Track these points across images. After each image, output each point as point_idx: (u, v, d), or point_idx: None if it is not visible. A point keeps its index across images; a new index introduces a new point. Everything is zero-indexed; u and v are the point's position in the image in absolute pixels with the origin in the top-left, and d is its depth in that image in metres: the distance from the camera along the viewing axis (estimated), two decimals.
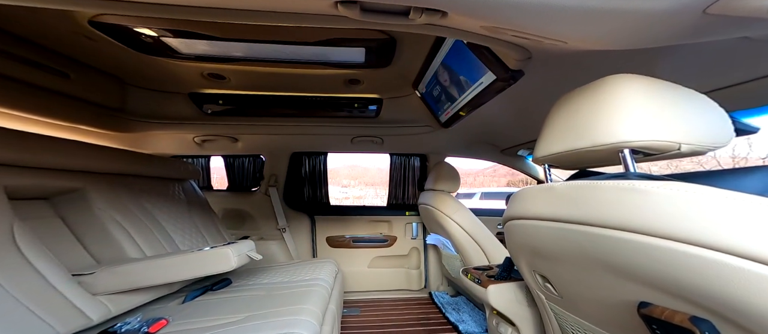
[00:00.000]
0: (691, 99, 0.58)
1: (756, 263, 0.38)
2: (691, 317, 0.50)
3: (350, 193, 6.85)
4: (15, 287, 0.78)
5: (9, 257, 0.81)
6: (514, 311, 1.14)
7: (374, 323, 1.79)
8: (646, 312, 0.56)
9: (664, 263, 0.48)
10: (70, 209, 1.14)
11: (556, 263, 0.74)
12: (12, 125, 1.14)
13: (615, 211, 0.52)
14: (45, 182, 1.05)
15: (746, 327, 0.44)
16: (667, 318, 0.53)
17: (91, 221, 1.14)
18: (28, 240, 0.86)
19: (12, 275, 0.79)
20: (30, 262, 0.84)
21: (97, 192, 1.19)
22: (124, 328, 0.90)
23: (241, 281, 1.46)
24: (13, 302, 0.76)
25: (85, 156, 1.19)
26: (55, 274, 0.88)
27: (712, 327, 0.49)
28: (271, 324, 0.90)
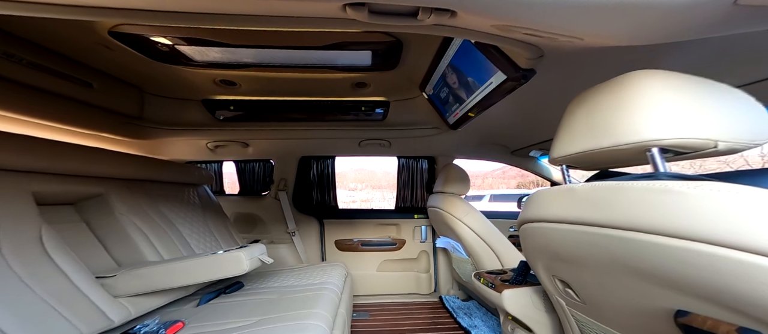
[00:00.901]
0: (725, 93, 0.54)
1: None
2: (738, 329, 0.47)
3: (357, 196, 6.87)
4: (43, 288, 0.81)
5: (37, 260, 0.84)
6: (532, 316, 1.10)
7: (384, 328, 1.77)
8: (686, 321, 0.53)
9: (702, 269, 0.45)
10: (94, 213, 1.18)
11: (579, 267, 0.71)
12: (38, 133, 1.20)
13: (645, 213, 0.49)
14: (70, 187, 1.10)
15: None
16: (710, 329, 0.49)
17: (112, 225, 1.18)
18: (55, 244, 0.89)
19: (40, 277, 0.82)
20: (57, 264, 0.87)
21: (118, 197, 1.23)
22: (143, 330, 0.92)
23: (253, 284, 1.47)
24: (41, 302, 0.79)
25: (107, 163, 1.24)
26: (80, 276, 0.91)
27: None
28: (283, 328, 0.90)
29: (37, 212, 0.90)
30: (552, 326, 1.07)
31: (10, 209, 0.84)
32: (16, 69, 1.10)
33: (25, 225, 0.86)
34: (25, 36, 1.10)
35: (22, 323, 0.73)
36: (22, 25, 1.05)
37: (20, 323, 0.73)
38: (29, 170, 0.96)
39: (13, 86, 1.12)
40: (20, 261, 0.80)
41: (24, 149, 0.94)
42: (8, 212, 0.83)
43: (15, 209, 0.86)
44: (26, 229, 0.86)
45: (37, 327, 0.75)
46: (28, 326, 0.74)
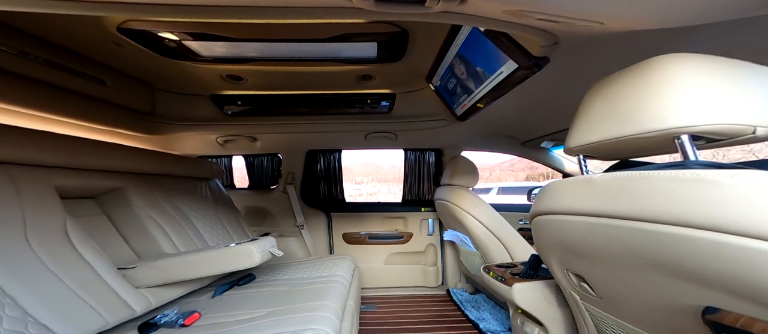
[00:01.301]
0: (764, 75, 0.50)
1: None
2: None
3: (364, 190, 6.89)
4: (70, 278, 0.85)
5: (64, 251, 0.88)
6: (543, 310, 1.09)
7: (391, 320, 1.79)
8: (715, 319, 0.50)
9: (738, 263, 0.42)
10: (113, 206, 1.23)
11: (595, 261, 0.69)
12: (56, 129, 1.24)
13: (673, 204, 0.47)
14: (91, 182, 1.14)
15: None
16: (743, 326, 0.47)
17: (131, 218, 1.23)
18: (79, 236, 0.93)
19: (67, 268, 0.86)
20: (82, 256, 0.91)
21: (136, 191, 1.27)
22: (163, 320, 0.96)
23: (264, 277, 1.51)
24: (69, 292, 0.83)
25: (125, 158, 1.29)
26: (104, 267, 0.95)
27: None
28: (294, 319, 0.92)
29: (61, 206, 0.94)
30: (565, 321, 1.06)
31: (36, 202, 0.88)
32: (31, 67, 1.13)
33: (51, 218, 0.90)
34: (38, 34, 1.12)
35: (52, 311, 0.77)
36: (34, 24, 1.07)
37: (51, 312, 0.77)
38: (52, 165, 0.99)
39: (31, 83, 1.16)
40: (47, 252, 0.84)
41: (46, 145, 0.98)
42: (34, 205, 0.87)
43: (40, 202, 0.89)
44: (52, 221, 0.90)
45: (67, 316, 0.79)
46: (58, 315, 0.77)
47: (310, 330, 0.84)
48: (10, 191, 0.84)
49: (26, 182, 0.89)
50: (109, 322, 0.87)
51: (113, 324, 0.89)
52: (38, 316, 0.74)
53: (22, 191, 0.86)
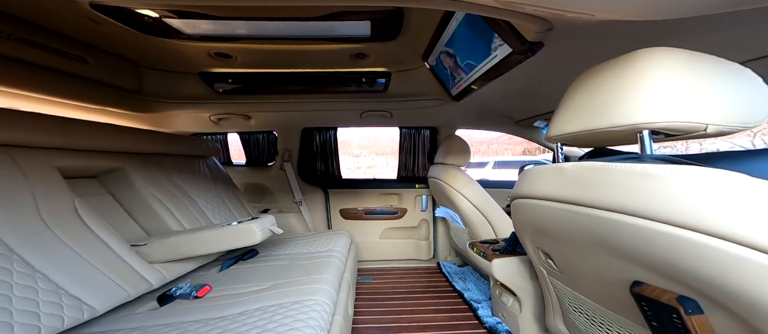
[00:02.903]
0: (729, 73, 0.54)
1: (757, 251, 0.40)
2: (678, 297, 0.55)
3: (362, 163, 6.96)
4: (89, 255, 0.94)
5: (79, 230, 0.96)
6: (517, 283, 1.23)
7: (386, 290, 1.97)
8: (638, 291, 0.62)
9: (667, 248, 0.50)
10: (117, 186, 1.30)
11: (560, 242, 0.79)
12: (48, 111, 1.26)
13: (625, 195, 0.53)
14: (91, 162, 1.19)
15: (732, 309, 0.49)
16: (655, 297, 0.58)
17: (135, 197, 1.30)
18: (90, 215, 1.01)
19: (85, 245, 0.94)
20: (96, 234, 0.99)
21: (136, 171, 1.33)
22: (178, 292, 1.08)
23: (266, 252, 1.64)
24: (91, 268, 0.92)
25: (122, 138, 1.33)
26: (118, 244, 1.04)
27: (697, 306, 0.54)
28: (295, 291, 1.05)
29: (67, 186, 1.00)
30: (534, 293, 1.21)
31: (43, 183, 0.94)
32: (7, 45, 1.11)
33: (60, 198, 0.96)
34: (14, 12, 1.10)
35: (80, 284, 0.87)
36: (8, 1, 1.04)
37: (79, 285, 0.86)
38: (51, 146, 1.04)
39: (6, 62, 1.15)
40: (64, 230, 0.91)
41: (44, 127, 1.02)
42: (42, 186, 0.93)
43: (47, 183, 0.95)
44: (61, 201, 0.96)
45: (93, 289, 0.89)
46: (85, 288, 0.87)
47: (310, 300, 0.97)
48: (16, 173, 0.88)
49: (29, 164, 0.93)
50: (131, 294, 0.99)
51: (134, 296, 1.00)
52: (69, 289, 0.84)
53: (27, 172, 0.91)
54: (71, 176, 1.12)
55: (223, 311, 0.95)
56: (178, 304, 1.04)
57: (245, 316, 0.90)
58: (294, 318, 0.85)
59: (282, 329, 0.80)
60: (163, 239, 1.17)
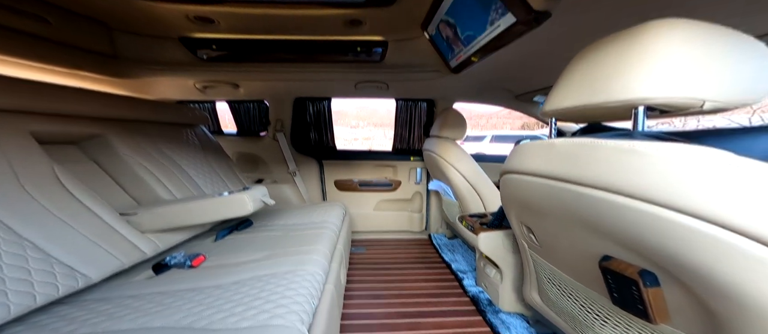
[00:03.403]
0: (738, 46, 0.52)
1: (724, 230, 0.41)
2: (640, 271, 0.59)
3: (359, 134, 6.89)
4: (77, 223, 0.93)
5: (63, 198, 0.94)
6: (500, 255, 1.29)
7: (378, 261, 2.05)
8: (606, 265, 0.66)
9: (641, 225, 0.52)
10: (100, 153, 1.26)
11: (543, 217, 0.81)
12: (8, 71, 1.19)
13: (611, 172, 0.54)
14: (67, 128, 1.15)
15: (688, 284, 0.52)
16: (620, 270, 0.62)
17: (121, 166, 1.27)
18: (73, 182, 0.99)
19: (71, 214, 0.93)
20: (83, 203, 0.98)
21: (118, 138, 1.29)
22: (172, 261, 1.10)
23: (260, 223, 1.67)
24: (80, 236, 0.92)
25: (98, 103, 1.27)
26: (106, 212, 1.03)
27: (655, 279, 0.58)
28: (288, 261, 1.08)
29: (43, 152, 0.97)
30: (515, 265, 1.27)
31: (17, 148, 0.90)
32: None
33: (38, 164, 0.93)
34: None
35: (71, 253, 0.87)
36: None
37: (70, 253, 0.87)
38: (21, 109, 0.99)
39: None
40: (47, 199, 0.89)
41: (9, 89, 0.96)
42: (16, 152, 0.89)
43: (21, 149, 0.91)
44: (40, 167, 0.93)
45: (85, 257, 0.90)
46: (77, 256, 0.88)
47: (303, 270, 1.01)
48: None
49: (1, 129, 0.89)
50: (125, 263, 1.01)
51: (129, 265, 1.03)
52: (60, 257, 0.84)
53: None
54: (47, 142, 1.08)
55: (217, 280, 0.99)
56: (174, 273, 1.07)
57: (239, 285, 0.94)
58: (286, 287, 0.89)
59: (274, 297, 0.84)
60: (153, 208, 1.17)
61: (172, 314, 0.80)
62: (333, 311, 1.00)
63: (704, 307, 0.52)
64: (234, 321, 0.75)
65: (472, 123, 4.32)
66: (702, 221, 0.44)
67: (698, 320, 0.55)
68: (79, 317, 0.80)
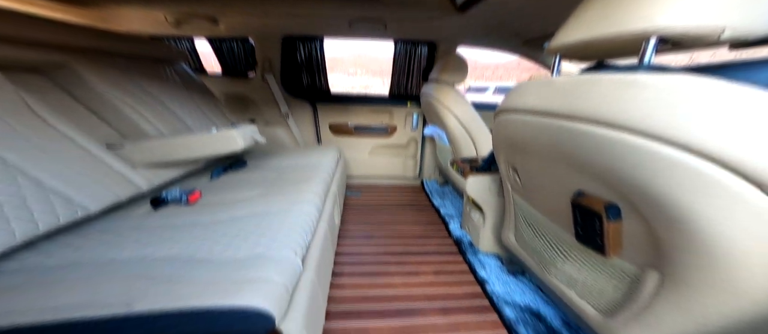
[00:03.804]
0: None
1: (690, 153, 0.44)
2: (606, 205, 0.63)
3: (356, 82, 6.59)
4: (65, 154, 0.92)
5: (40, 128, 0.91)
6: (485, 199, 1.35)
7: (371, 204, 2.15)
8: (578, 201, 0.70)
9: (621, 157, 0.53)
10: (70, 84, 1.18)
11: (529, 156, 0.83)
12: None
13: (607, 106, 0.53)
14: (24, 53, 1.06)
15: (644, 213, 0.56)
16: (588, 205, 0.66)
17: (97, 98, 1.21)
18: (48, 112, 0.95)
19: (56, 145, 0.91)
20: (63, 133, 0.95)
21: (87, 69, 1.20)
22: (169, 196, 1.14)
23: (255, 163, 1.68)
24: (70, 168, 0.92)
25: (55, 29, 1.16)
26: (93, 145, 1.02)
27: (618, 213, 0.62)
28: (282, 200, 1.12)
29: (2, 76, 0.90)
30: (497, 208, 1.35)
31: None
32: None
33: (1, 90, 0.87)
34: None
35: (65, 185, 0.88)
36: None
37: (64, 185, 0.87)
38: None
39: None
40: (24, 127, 0.87)
41: None
42: None
43: None
44: (5, 95, 0.88)
45: (81, 189, 0.91)
46: (72, 188, 0.89)
47: (296, 208, 1.05)
48: None
49: None
50: (121, 196, 1.03)
51: (125, 198, 1.05)
52: (53, 186, 0.85)
53: None
54: (8, 67, 1.01)
55: (214, 216, 1.03)
56: (172, 208, 1.11)
57: (236, 220, 0.98)
58: (281, 223, 0.94)
59: (270, 232, 0.89)
60: (140, 142, 1.16)
61: (173, 245, 0.85)
62: (326, 248, 1.07)
63: (654, 237, 0.56)
64: (232, 253, 0.80)
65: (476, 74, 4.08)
66: (682, 151, 0.45)
67: (644, 252, 0.61)
68: (84, 246, 0.85)
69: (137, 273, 0.72)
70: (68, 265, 0.76)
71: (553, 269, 0.92)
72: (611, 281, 0.73)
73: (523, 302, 1.14)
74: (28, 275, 0.72)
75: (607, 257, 0.68)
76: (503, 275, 1.32)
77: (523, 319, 1.06)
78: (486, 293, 1.21)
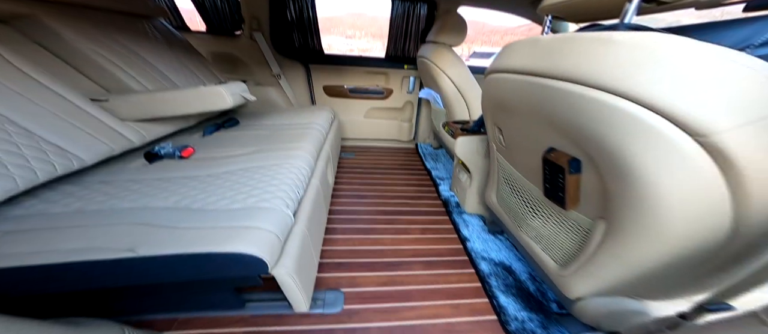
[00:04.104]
0: None
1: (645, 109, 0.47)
2: (569, 159, 0.68)
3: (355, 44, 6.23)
4: (50, 105, 0.91)
5: (20, 80, 0.88)
6: (472, 160, 1.40)
7: (365, 166, 2.19)
8: (548, 156, 0.74)
9: (586, 113, 0.57)
10: (41, 37, 1.11)
11: (513, 115, 0.86)
12: None
13: (582, 64, 0.56)
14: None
15: (600, 165, 0.60)
16: (555, 159, 0.71)
17: (72, 52, 1.15)
18: (25, 64, 0.91)
19: (39, 98, 0.89)
20: (45, 85, 0.93)
21: (56, 21, 1.12)
22: (162, 151, 1.16)
23: (247, 122, 1.68)
24: (58, 119, 0.92)
25: None
26: (77, 97, 1.00)
27: (578, 166, 0.67)
28: (275, 156, 1.15)
29: None
30: (483, 169, 1.40)
31: None
32: None
33: None
34: None
35: (56, 135, 0.89)
36: None
37: (56, 136, 0.89)
38: None
39: None
40: (8, 80, 0.85)
41: None
42: None
43: None
44: None
45: (73, 141, 0.93)
46: (65, 140, 0.91)
47: (288, 164, 1.09)
48: None
49: None
50: (114, 149, 1.05)
51: (118, 151, 1.07)
52: (45, 136, 0.86)
53: None
54: None
55: (208, 170, 1.07)
56: (166, 163, 1.14)
57: (229, 174, 1.02)
58: (272, 177, 0.98)
59: (262, 185, 0.94)
60: (125, 96, 1.14)
61: (169, 196, 0.90)
62: (318, 204, 1.13)
63: (605, 189, 0.62)
64: (226, 204, 0.85)
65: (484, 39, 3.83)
66: (633, 104, 0.49)
67: (596, 205, 0.67)
68: (85, 196, 0.89)
69: (138, 221, 0.77)
70: (72, 213, 0.81)
71: (525, 226, 1.00)
72: (569, 234, 0.80)
73: (497, 259, 1.24)
74: (35, 221, 0.77)
75: (567, 209, 0.74)
76: (483, 234, 1.41)
77: (496, 272, 1.17)
78: (466, 249, 1.31)
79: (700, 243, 0.54)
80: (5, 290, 0.66)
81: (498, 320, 0.99)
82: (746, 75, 0.42)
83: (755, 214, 0.48)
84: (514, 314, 1.00)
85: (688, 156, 0.46)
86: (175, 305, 0.91)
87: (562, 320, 0.97)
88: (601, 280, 0.72)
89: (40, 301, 0.77)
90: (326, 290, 1.05)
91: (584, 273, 0.75)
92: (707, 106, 0.43)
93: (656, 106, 0.46)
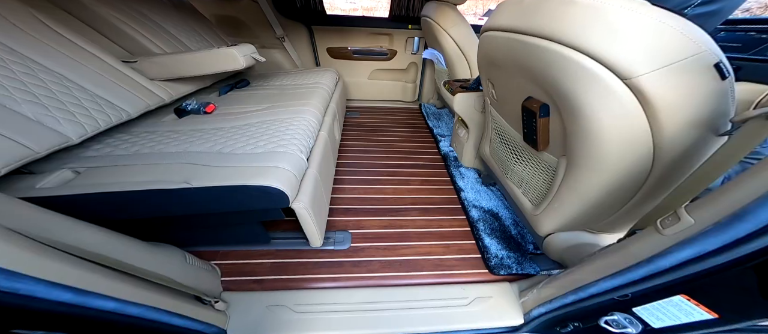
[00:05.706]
0: None
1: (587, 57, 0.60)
2: (540, 105, 0.83)
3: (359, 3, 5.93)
4: (94, 68, 1.08)
5: (65, 45, 1.04)
6: (470, 115, 1.55)
7: (370, 124, 2.35)
8: (525, 104, 0.89)
9: (552, 64, 0.69)
10: (67, 4, 1.23)
11: (501, 70, 0.98)
12: None
13: (551, 21, 0.68)
14: None
15: (561, 108, 0.75)
16: (530, 106, 0.86)
17: (96, 18, 1.28)
18: (65, 27, 1.06)
19: (85, 60, 1.06)
20: (84, 48, 1.08)
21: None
22: (189, 107, 1.35)
23: (257, 83, 1.85)
24: (103, 78, 1.10)
25: None
26: (112, 59, 1.16)
27: (547, 111, 0.82)
28: (286, 111, 1.33)
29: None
30: (479, 124, 1.55)
31: None
32: None
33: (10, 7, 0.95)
34: None
35: (107, 92, 1.07)
36: None
37: (106, 92, 1.07)
38: None
39: None
40: (56, 43, 1.00)
41: None
42: None
43: None
44: (18, 13, 0.96)
45: (119, 96, 1.11)
46: (113, 95, 1.10)
47: (298, 118, 1.27)
48: None
49: None
50: (150, 104, 1.25)
51: (154, 106, 1.27)
52: (100, 93, 1.05)
53: None
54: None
55: (231, 123, 1.26)
56: (192, 118, 1.34)
57: (249, 126, 1.22)
58: (286, 129, 1.17)
59: (278, 134, 1.13)
60: (150, 58, 1.29)
61: (203, 143, 1.10)
62: (327, 154, 1.32)
63: (564, 128, 0.77)
64: (250, 149, 1.05)
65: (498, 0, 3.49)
66: (581, 54, 0.62)
67: (560, 144, 0.82)
68: (137, 142, 1.11)
69: (184, 161, 0.99)
70: (131, 154, 1.03)
71: (510, 172, 1.17)
72: (542, 175, 0.97)
73: (487, 207, 1.44)
74: (106, 160, 0.99)
75: (539, 150, 0.91)
76: (477, 185, 1.60)
77: (484, 218, 1.37)
78: (460, 199, 1.50)
79: (631, 169, 0.70)
80: (94, 210, 0.88)
81: (481, 257, 1.17)
82: (662, 30, 0.55)
83: (668, 141, 0.64)
84: (495, 253, 1.16)
85: (618, 95, 0.61)
86: (218, 240, 1.14)
87: (536, 259, 1.14)
88: (563, 215, 0.88)
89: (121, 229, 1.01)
90: (336, 231, 1.27)
91: (550, 211, 0.92)
92: (631, 54, 0.57)
93: (597, 54, 0.60)
